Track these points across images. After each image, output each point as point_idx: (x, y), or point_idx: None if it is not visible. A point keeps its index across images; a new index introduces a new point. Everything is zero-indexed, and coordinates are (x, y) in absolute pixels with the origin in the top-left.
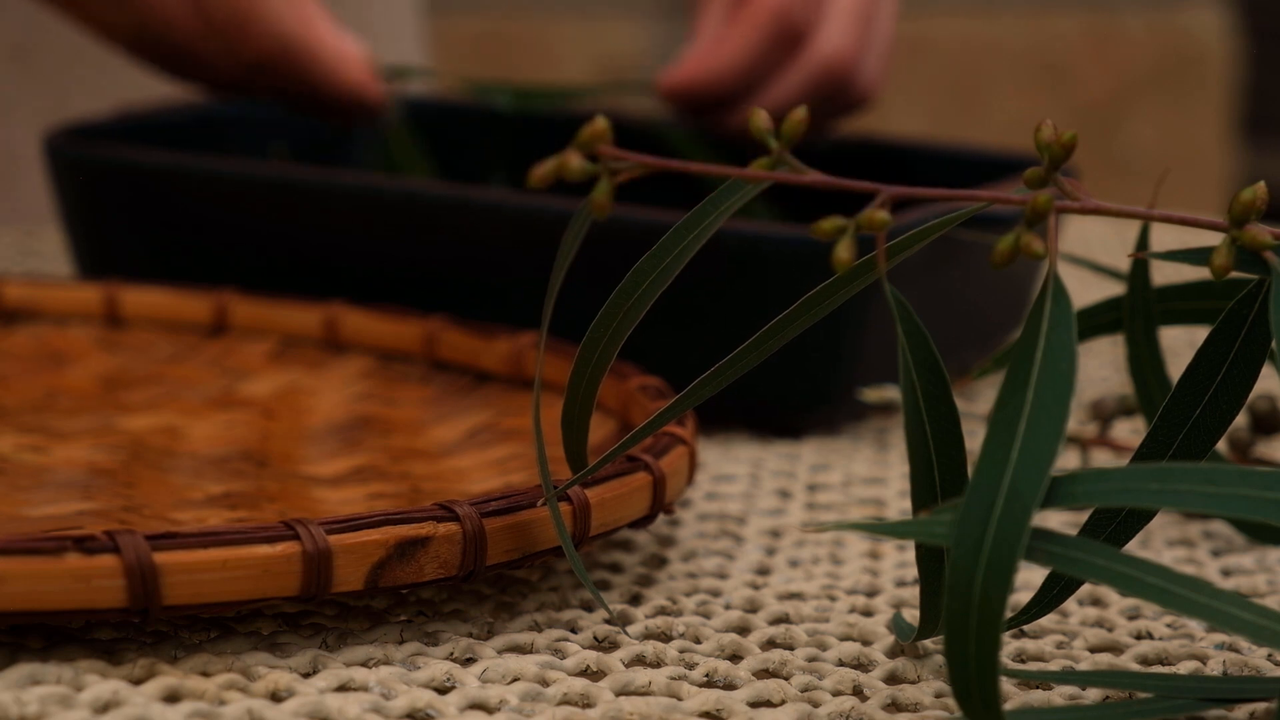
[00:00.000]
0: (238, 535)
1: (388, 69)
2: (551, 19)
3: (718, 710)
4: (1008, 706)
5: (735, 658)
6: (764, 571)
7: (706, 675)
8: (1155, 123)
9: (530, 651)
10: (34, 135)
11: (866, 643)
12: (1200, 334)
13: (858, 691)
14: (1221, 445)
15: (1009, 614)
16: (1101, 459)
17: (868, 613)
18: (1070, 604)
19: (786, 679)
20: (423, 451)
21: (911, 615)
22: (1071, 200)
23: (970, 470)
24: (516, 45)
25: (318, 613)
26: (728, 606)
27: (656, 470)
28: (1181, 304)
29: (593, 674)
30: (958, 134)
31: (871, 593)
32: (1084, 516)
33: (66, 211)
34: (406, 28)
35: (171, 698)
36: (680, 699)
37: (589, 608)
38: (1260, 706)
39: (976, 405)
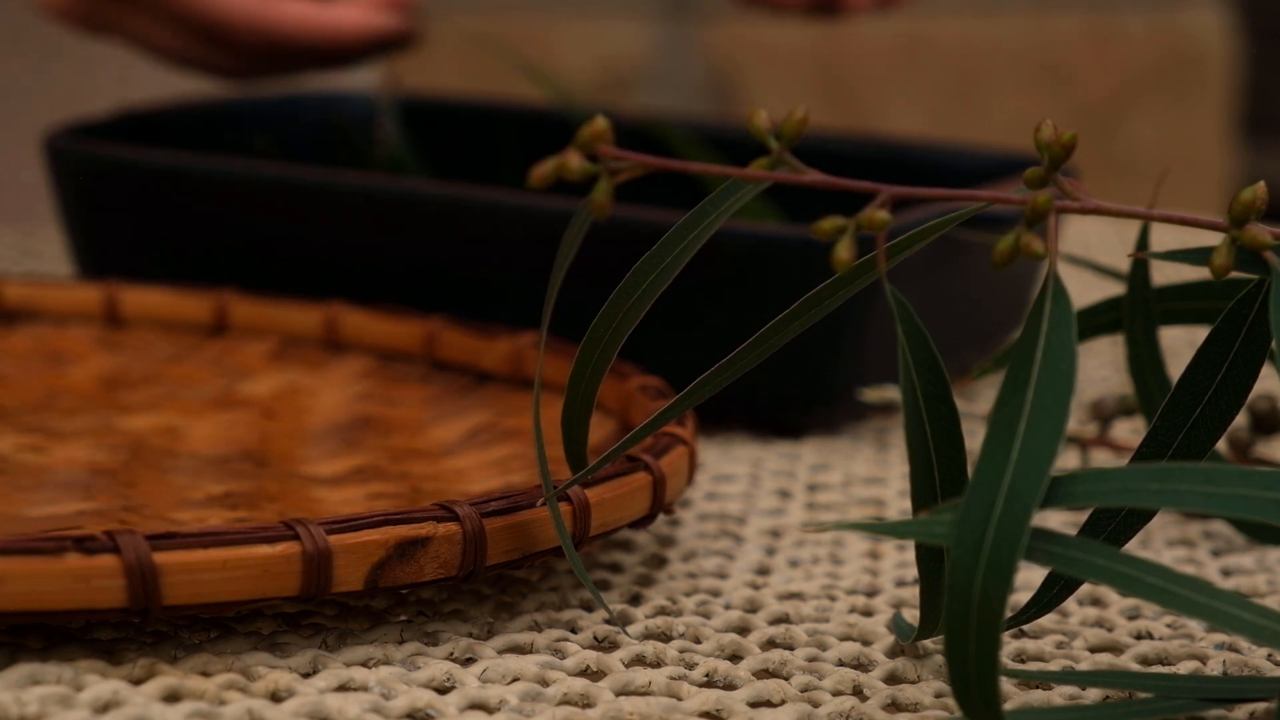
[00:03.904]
0: (238, 535)
1: None
2: (551, 19)
3: (718, 710)
4: (1008, 706)
5: (735, 658)
6: (764, 571)
7: (706, 675)
8: (1155, 123)
9: (530, 651)
10: (34, 134)
11: (866, 643)
12: (1200, 334)
13: (858, 691)
14: (1221, 445)
15: (1009, 614)
16: (1101, 459)
17: (868, 613)
18: (1070, 604)
19: (786, 679)
20: (423, 451)
21: (911, 615)
22: (1071, 200)
23: (970, 470)
24: (516, 45)
25: (318, 613)
26: (728, 606)
27: (656, 470)
28: (1181, 304)
29: (593, 674)
30: (958, 134)
31: (871, 593)
32: (1084, 516)
33: (66, 211)
34: None
35: (171, 698)
36: (680, 699)
37: (589, 608)
38: (1260, 706)
39: (976, 405)
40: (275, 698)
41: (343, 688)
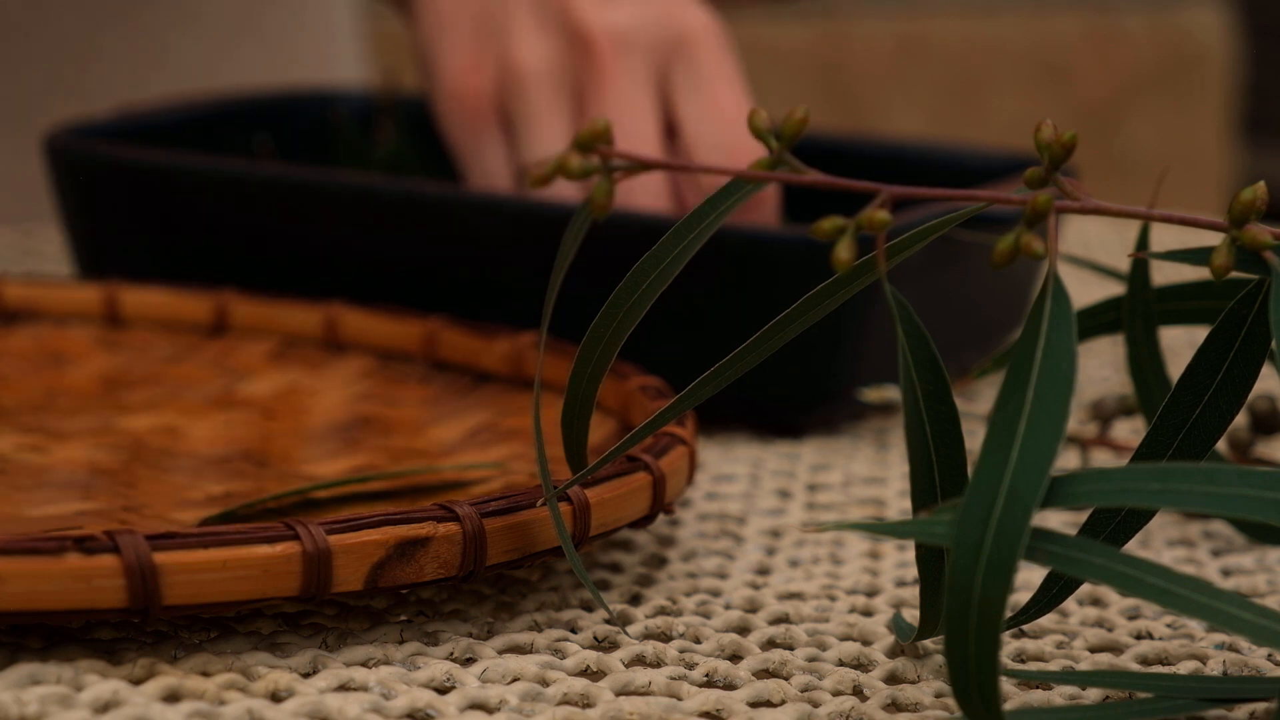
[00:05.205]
0: (238, 535)
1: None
2: None
3: (718, 710)
4: (1008, 706)
5: (735, 658)
6: (764, 571)
7: (706, 675)
8: (1155, 123)
9: (530, 651)
10: (34, 133)
11: (866, 643)
12: (1200, 334)
13: (858, 691)
14: (1221, 445)
15: (1009, 614)
16: (1101, 459)
17: (868, 613)
18: (1070, 604)
19: (786, 679)
20: (423, 451)
21: (911, 615)
22: (1071, 200)
23: (970, 470)
24: None
25: (318, 613)
26: (728, 606)
27: (656, 470)
28: (1181, 304)
29: (593, 674)
30: (958, 134)
31: (871, 593)
32: (1084, 516)
33: (66, 211)
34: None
35: (171, 698)
36: (680, 699)
37: (589, 608)
38: (1260, 706)
39: (976, 405)
40: (275, 698)
41: (343, 688)
